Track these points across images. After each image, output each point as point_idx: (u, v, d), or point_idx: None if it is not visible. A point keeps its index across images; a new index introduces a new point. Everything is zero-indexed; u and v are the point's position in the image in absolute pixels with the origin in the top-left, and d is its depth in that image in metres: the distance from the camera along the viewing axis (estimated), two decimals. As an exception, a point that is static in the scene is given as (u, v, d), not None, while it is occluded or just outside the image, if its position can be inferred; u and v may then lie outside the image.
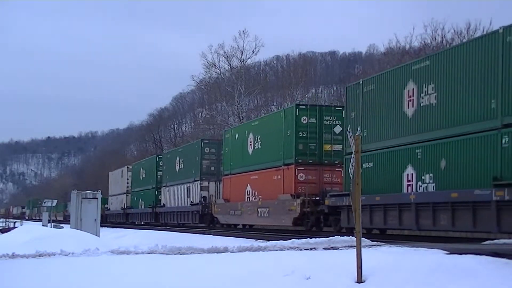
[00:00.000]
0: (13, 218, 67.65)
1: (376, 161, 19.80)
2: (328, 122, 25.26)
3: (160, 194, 44.56)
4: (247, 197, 29.48)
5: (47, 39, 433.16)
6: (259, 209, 27.63)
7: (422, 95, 17.85)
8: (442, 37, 37.04)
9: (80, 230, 22.20)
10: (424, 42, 38.29)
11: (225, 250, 13.47)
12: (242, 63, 55.73)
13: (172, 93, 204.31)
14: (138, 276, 10.27)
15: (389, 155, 19.20)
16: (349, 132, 10.58)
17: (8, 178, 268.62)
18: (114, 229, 43.14)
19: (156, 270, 10.80)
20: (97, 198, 26.78)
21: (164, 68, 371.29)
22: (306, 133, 25.07)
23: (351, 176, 10.26)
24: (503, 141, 14.88)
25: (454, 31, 36.86)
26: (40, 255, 12.70)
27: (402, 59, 37.83)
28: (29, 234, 18.38)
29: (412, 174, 18.10)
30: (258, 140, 28.75)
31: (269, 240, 16.94)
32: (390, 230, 21.41)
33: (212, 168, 35.86)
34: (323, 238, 14.98)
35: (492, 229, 15.09)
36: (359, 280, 9.57)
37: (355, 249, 9.78)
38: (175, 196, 40.78)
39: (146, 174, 48.88)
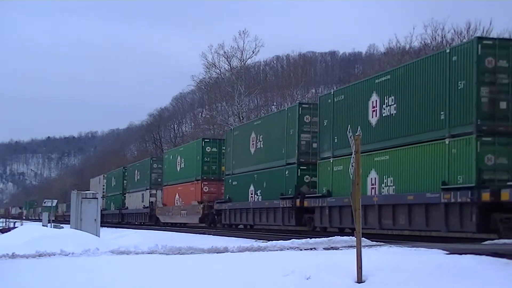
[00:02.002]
0: (12, 218, 68.03)
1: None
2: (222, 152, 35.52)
3: (125, 199, 55.42)
4: (176, 203, 40.67)
5: (47, 39, 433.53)
6: (181, 211, 39.01)
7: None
8: (442, 37, 37.12)
9: (80, 230, 22.18)
10: (424, 42, 38.40)
11: (225, 250, 13.47)
12: (242, 63, 55.76)
13: (172, 93, 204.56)
14: (138, 276, 10.26)
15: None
16: (349, 132, 10.58)
17: (8, 178, 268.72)
18: (114, 229, 43.24)
19: (156, 270, 10.80)
20: (97, 198, 26.74)
21: (164, 68, 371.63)
22: (210, 158, 36.22)
23: (351, 176, 10.25)
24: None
25: (454, 31, 36.94)
26: (40, 255, 12.70)
27: (402, 59, 37.86)
28: (29, 234, 18.37)
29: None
30: (183, 162, 39.91)
31: (269, 240, 16.95)
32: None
33: (159, 180, 45.89)
34: (323, 238, 15.00)
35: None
36: (359, 280, 9.56)
37: (355, 249, 9.78)
38: (134, 201, 51.88)
39: (116, 182, 59.61)
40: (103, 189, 63.33)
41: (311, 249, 13.54)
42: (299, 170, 25.41)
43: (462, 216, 16.24)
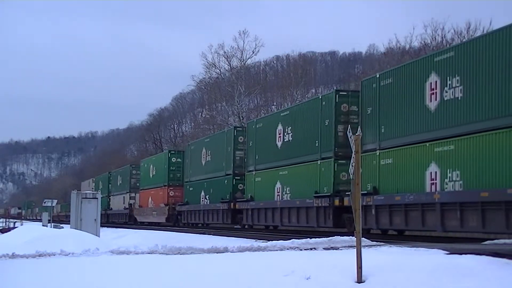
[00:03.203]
0: (11, 218, 68.36)
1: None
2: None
3: (110, 201, 60.36)
4: (149, 205, 46.96)
5: (47, 39, 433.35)
6: (153, 212, 45.31)
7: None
8: (442, 37, 37.08)
9: (80, 230, 22.17)
10: (424, 42, 38.40)
11: (225, 250, 13.47)
12: (242, 63, 55.78)
13: (172, 93, 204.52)
14: (138, 276, 10.26)
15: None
16: (349, 132, 10.54)
17: (8, 178, 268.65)
18: (114, 229, 43.41)
19: (156, 270, 10.80)
20: (97, 198, 26.75)
21: (164, 68, 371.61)
22: (175, 167, 42.44)
23: (351, 176, 10.24)
24: None
25: (454, 31, 36.95)
26: (40, 255, 12.69)
27: (402, 59, 37.82)
28: (29, 234, 18.36)
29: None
30: (154, 170, 46.20)
31: (269, 240, 16.94)
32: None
33: (137, 184, 51.52)
34: (323, 238, 14.99)
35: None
36: (359, 280, 9.56)
37: (355, 249, 9.78)
38: (117, 203, 57.62)
39: (102, 186, 63.75)
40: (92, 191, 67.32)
41: (311, 249, 13.54)
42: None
43: (324, 215, 22.26)
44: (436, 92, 17.45)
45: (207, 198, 34.84)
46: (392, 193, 18.89)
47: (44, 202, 47.17)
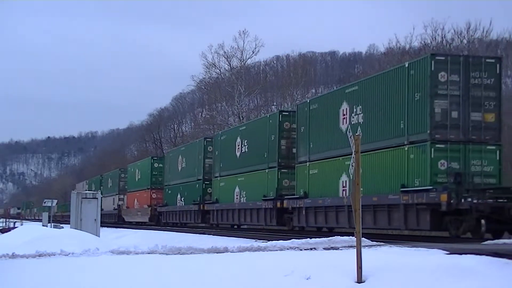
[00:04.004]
0: (11, 218, 68.61)
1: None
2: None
3: (102, 202, 61.98)
4: (135, 206, 51.38)
5: (47, 39, 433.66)
6: (138, 212, 50.00)
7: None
8: (442, 37, 37.07)
9: (80, 230, 22.17)
10: (424, 42, 38.35)
11: (225, 250, 13.46)
12: (242, 63, 55.73)
13: (172, 93, 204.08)
14: (138, 276, 10.26)
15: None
16: (349, 132, 10.57)
17: (8, 178, 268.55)
18: (114, 229, 43.59)
19: (156, 270, 10.80)
20: (97, 198, 26.76)
21: (164, 68, 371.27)
22: (157, 172, 46.82)
23: (351, 176, 10.25)
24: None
25: (454, 31, 36.91)
26: (40, 255, 12.69)
27: (402, 59, 37.83)
28: (29, 234, 18.35)
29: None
30: (139, 174, 50.85)
31: (269, 240, 16.95)
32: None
33: (126, 187, 55.52)
34: (323, 238, 14.98)
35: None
36: (359, 280, 9.56)
37: (355, 249, 9.78)
38: (108, 203, 60.36)
39: (95, 187, 66.44)
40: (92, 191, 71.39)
41: (311, 249, 13.53)
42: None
43: (270, 215, 25.88)
44: (346, 117, 21.74)
45: (182, 200, 39.50)
46: (316, 197, 23.26)
47: (44, 202, 47.14)
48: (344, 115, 21.75)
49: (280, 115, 27.12)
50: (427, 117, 17.55)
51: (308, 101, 25.13)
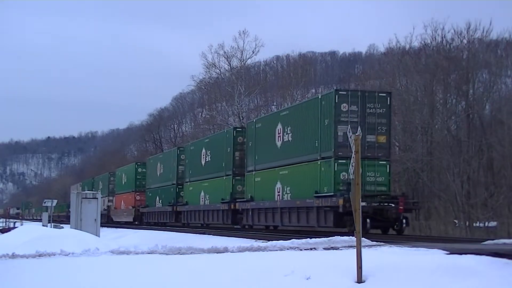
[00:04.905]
0: (10, 218, 68.74)
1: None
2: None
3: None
4: (121, 207, 54.85)
5: (46, 39, 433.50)
6: (124, 213, 53.70)
7: (285, 133, 25.31)
8: (442, 37, 36.88)
9: (80, 230, 22.17)
10: (424, 42, 38.09)
11: (225, 250, 13.46)
12: (242, 63, 55.61)
13: (172, 93, 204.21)
14: (138, 276, 10.26)
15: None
16: (349, 132, 10.59)
17: (8, 178, 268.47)
18: (114, 229, 43.63)
19: (156, 270, 10.80)
20: (97, 198, 26.77)
21: (164, 68, 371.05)
22: (141, 176, 50.45)
23: (351, 176, 10.25)
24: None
25: (454, 31, 36.65)
26: (40, 255, 12.70)
27: (402, 59, 37.79)
28: (29, 234, 18.36)
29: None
30: (125, 177, 54.36)
31: (269, 240, 16.95)
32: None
33: (115, 189, 58.41)
34: (323, 238, 14.98)
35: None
36: (359, 280, 9.56)
37: (355, 249, 9.78)
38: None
39: (87, 190, 67.56)
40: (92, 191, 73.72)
41: (311, 249, 13.53)
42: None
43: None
44: (281, 135, 25.75)
45: (160, 202, 44.05)
46: (259, 201, 27.39)
47: (44, 202, 47.15)
48: (279, 133, 25.99)
49: (234, 131, 31.66)
50: (332, 138, 21.67)
51: (254, 121, 29.84)
